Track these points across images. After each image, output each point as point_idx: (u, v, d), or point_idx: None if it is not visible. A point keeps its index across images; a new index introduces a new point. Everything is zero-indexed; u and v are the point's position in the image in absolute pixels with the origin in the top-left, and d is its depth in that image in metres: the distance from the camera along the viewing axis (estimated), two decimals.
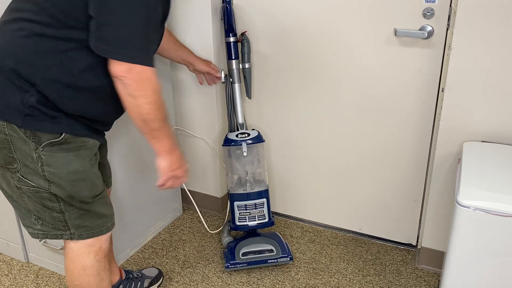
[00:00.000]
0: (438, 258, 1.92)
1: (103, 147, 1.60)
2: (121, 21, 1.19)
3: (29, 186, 1.31)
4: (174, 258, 2.08)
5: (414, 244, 2.12)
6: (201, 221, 2.32)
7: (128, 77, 1.22)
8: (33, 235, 1.42)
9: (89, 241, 1.43)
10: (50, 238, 1.42)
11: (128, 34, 1.21)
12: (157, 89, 1.28)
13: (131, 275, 1.87)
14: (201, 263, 2.04)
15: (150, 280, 1.90)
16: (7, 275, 1.98)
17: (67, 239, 1.41)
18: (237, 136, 1.96)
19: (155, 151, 1.39)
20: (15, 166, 1.29)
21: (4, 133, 1.25)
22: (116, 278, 1.80)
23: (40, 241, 1.91)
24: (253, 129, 2.00)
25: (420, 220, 2.06)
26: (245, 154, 1.91)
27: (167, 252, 2.12)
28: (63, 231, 1.39)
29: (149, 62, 1.25)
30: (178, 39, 1.98)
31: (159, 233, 2.26)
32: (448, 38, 1.72)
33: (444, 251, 1.59)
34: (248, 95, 2.10)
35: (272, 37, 2.05)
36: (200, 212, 2.36)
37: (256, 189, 1.97)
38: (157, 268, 1.96)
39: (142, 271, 1.92)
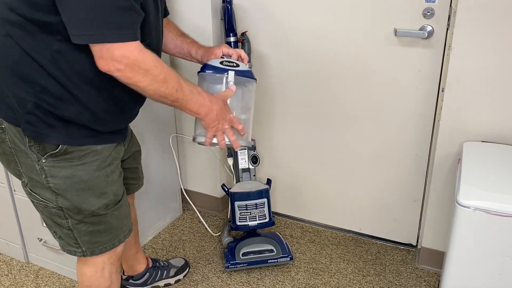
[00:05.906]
0: (438, 258, 1.92)
1: (136, 151, 1.57)
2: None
3: (38, 200, 1.28)
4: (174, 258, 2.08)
5: (414, 244, 2.12)
6: (201, 221, 2.32)
7: (122, 67, 1.08)
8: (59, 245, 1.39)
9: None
10: (68, 253, 1.38)
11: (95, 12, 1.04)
12: (149, 67, 1.12)
13: (157, 264, 1.90)
14: (201, 263, 2.04)
15: (176, 269, 1.93)
16: (7, 275, 1.98)
17: (80, 256, 1.36)
18: (222, 63, 1.44)
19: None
20: (23, 180, 1.28)
21: (9, 146, 1.23)
22: (142, 266, 1.84)
23: (40, 241, 1.92)
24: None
25: (420, 220, 2.06)
26: (231, 83, 1.42)
27: (167, 252, 2.12)
28: (75, 248, 1.34)
29: (127, 37, 1.07)
30: (180, 30, 1.60)
31: (159, 233, 2.26)
32: (448, 38, 1.72)
33: (444, 251, 1.59)
34: None
35: (272, 37, 2.04)
36: (200, 212, 2.36)
37: (257, 189, 1.97)
38: (184, 259, 2.00)
39: (169, 261, 1.96)
